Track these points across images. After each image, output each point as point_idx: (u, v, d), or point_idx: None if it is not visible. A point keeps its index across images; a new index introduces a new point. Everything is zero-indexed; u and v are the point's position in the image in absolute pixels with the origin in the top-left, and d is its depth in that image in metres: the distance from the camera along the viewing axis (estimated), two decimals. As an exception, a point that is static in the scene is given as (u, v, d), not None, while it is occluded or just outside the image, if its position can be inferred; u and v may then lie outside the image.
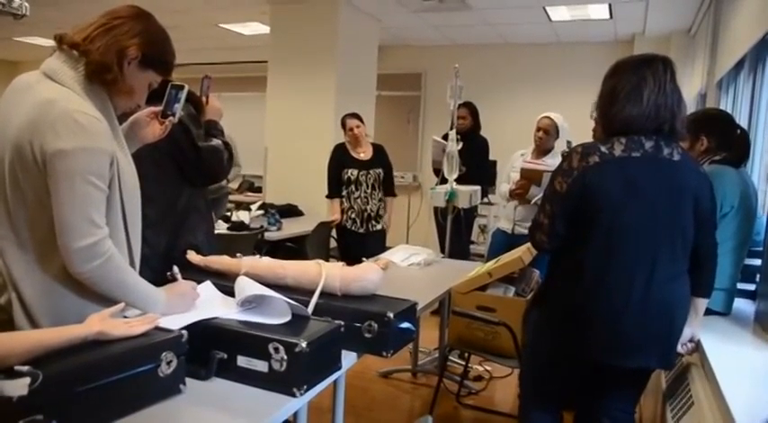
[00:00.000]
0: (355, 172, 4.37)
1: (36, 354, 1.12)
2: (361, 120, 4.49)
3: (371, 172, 4.41)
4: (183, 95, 1.63)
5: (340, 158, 4.42)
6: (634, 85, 1.78)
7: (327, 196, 4.52)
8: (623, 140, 1.78)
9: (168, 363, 1.30)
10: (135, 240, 1.53)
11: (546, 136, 3.92)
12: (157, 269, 1.98)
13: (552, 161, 3.87)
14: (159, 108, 1.65)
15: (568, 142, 3.82)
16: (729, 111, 3.97)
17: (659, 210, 1.76)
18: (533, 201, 3.79)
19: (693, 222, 1.80)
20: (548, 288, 2.00)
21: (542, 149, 3.99)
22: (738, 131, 2.42)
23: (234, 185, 7.84)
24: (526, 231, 3.83)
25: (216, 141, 2.09)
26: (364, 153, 4.45)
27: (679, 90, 1.82)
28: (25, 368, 1.06)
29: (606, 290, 1.77)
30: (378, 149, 4.51)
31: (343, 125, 4.49)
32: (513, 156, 4.18)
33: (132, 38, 1.44)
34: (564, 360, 1.93)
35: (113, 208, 1.43)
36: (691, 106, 4.70)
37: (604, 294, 1.78)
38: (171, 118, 1.64)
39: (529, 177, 3.79)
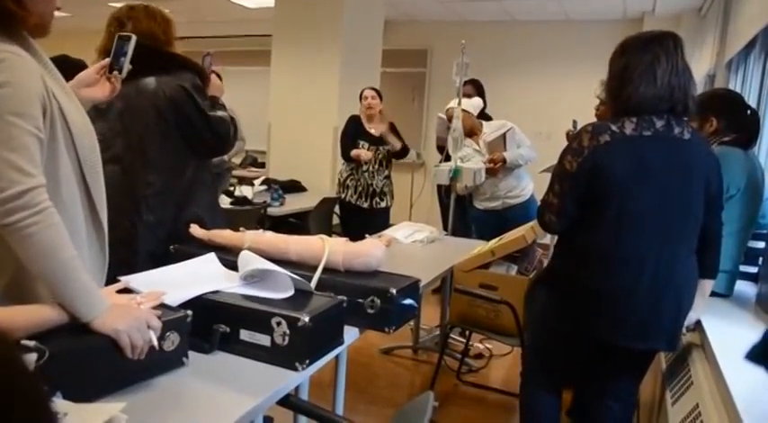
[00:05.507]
0: (366, 145, 4.38)
1: (40, 329, 1.11)
2: (379, 95, 4.49)
3: (381, 148, 4.42)
4: (131, 47, 1.53)
5: (355, 129, 4.43)
6: (647, 65, 1.74)
7: (344, 157, 4.48)
8: (634, 119, 1.76)
9: (172, 341, 1.31)
10: (100, 202, 1.35)
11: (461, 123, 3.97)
12: (162, 238, 1.98)
13: (488, 128, 4.08)
14: (107, 60, 1.54)
15: (574, 121, 3.80)
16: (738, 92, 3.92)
17: (670, 189, 1.75)
18: (514, 163, 3.93)
19: (703, 203, 1.78)
20: (556, 267, 1.98)
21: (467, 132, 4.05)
22: (748, 112, 2.39)
23: (237, 161, 7.83)
24: (515, 201, 3.93)
25: (222, 112, 2.08)
26: (376, 129, 4.46)
27: (689, 68, 1.79)
28: (32, 343, 1.05)
29: (616, 270, 1.76)
30: (390, 127, 4.51)
31: (361, 97, 4.51)
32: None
33: None
34: (570, 340, 1.92)
35: (58, 159, 1.25)
36: (699, 87, 4.66)
37: (615, 275, 1.76)
38: (116, 73, 1.53)
39: (496, 148, 3.91)
